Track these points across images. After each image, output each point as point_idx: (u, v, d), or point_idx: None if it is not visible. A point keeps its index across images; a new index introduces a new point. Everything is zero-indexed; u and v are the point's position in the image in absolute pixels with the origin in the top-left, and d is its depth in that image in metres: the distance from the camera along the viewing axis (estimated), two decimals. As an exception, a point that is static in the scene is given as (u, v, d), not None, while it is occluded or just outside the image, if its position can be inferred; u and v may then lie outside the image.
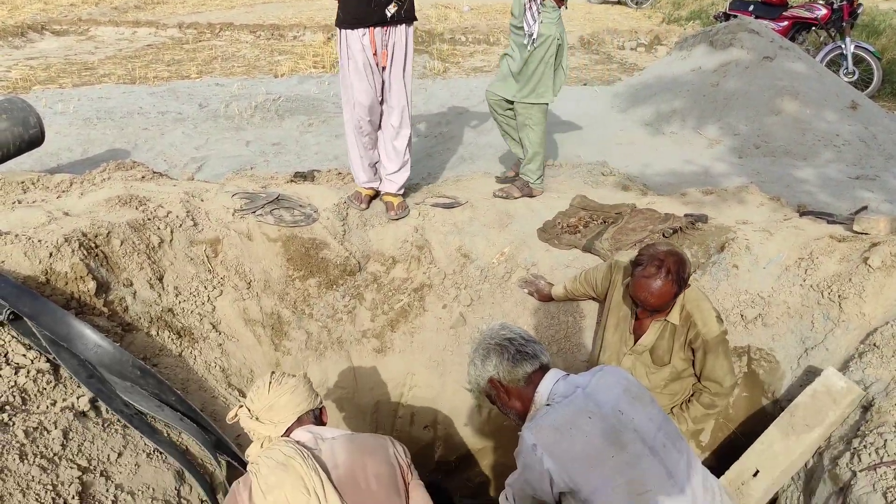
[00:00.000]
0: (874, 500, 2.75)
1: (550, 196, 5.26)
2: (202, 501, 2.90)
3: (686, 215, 4.65)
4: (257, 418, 2.43)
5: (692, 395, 3.55)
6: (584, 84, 10.65)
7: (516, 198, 5.16)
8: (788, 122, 7.15)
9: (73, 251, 3.36)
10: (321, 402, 2.58)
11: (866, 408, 3.22)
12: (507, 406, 2.58)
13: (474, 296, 4.52)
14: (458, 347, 4.42)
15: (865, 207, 5.24)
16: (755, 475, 3.30)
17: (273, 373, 2.53)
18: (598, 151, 6.95)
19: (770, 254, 4.10)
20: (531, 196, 5.24)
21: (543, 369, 2.51)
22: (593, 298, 4.05)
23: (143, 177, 4.91)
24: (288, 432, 2.44)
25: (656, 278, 3.16)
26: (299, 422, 2.46)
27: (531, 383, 2.49)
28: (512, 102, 5.14)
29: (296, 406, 2.45)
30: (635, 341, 3.48)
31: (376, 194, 4.99)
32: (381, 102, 4.63)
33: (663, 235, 4.37)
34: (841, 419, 3.27)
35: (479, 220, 4.83)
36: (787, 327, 3.85)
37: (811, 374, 3.54)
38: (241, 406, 2.49)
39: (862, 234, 4.14)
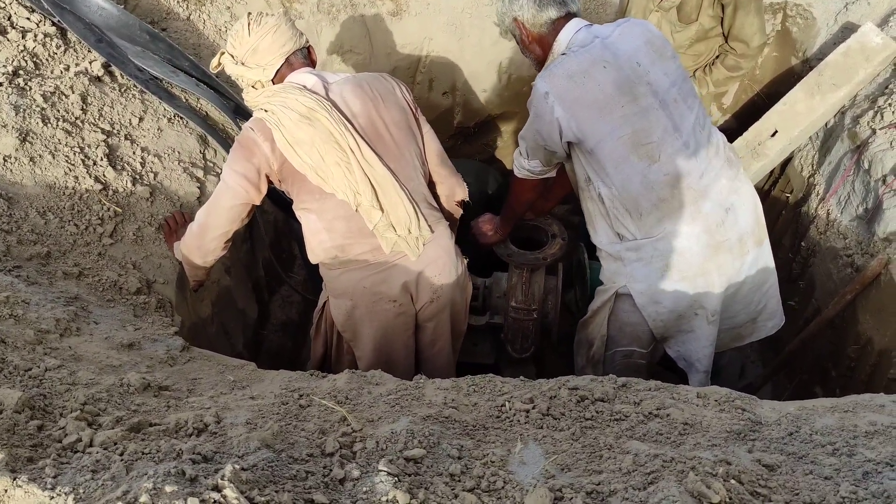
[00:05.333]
0: (889, 157, 2.78)
1: None
2: (227, 163, 2.99)
3: None
4: (242, 63, 2.27)
5: (716, 57, 3.43)
6: None
7: None
8: None
9: None
10: (307, 41, 2.38)
11: (899, 65, 3.11)
12: (527, 49, 2.54)
13: (495, -48, 4.19)
14: (477, 10, 4.20)
15: None
16: (773, 135, 3.32)
17: (249, 13, 2.30)
18: None
19: None
20: None
21: (569, 17, 2.41)
22: (624, -48, 3.74)
23: None
24: (280, 76, 2.30)
25: None
26: (289, 64, 2.29)
27: (554, 30, 2.42)
28: None
29: (281, 47, 2.26)
30: (664, -3, 3.28)
31: None
32: None
33: None
34: (870, 78, 3.18)
35: None
36: (830, -21, 3.59)
37: (847, 31, 3.38)
38: (223, 53, 2.32)
39: None
